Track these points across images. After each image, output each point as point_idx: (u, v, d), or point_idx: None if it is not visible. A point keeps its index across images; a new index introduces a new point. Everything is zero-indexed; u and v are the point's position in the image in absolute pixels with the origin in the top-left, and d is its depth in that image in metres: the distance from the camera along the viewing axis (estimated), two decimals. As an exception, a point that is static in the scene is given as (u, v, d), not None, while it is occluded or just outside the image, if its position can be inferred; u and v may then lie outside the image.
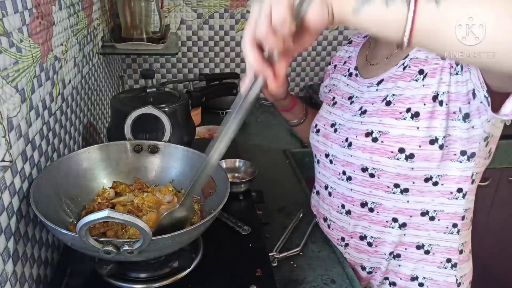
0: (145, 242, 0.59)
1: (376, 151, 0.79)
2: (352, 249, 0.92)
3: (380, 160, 0.79)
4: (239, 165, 1.17)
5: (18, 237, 0.66)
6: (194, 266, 0.78)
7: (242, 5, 1.87)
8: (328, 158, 0.92)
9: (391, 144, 0.77)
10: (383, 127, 0.79)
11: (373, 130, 0.80)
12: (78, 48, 1.07)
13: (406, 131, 0.76)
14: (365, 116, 0.83)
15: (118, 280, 0.73)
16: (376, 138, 0.79)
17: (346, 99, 0.91)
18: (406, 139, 0.76)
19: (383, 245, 0.88)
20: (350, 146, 0.83)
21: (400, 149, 0.77)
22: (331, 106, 0.94)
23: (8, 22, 0.63)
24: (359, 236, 0.90)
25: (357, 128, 0.83)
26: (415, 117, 0.76)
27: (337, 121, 0.90)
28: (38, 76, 0.77)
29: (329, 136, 0.91)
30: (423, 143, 0.75)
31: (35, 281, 0.73)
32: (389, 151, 0.78)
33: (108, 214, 0.55)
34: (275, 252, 0.93)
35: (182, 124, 1.07)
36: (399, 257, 0.88)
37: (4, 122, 0.61)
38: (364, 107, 0.84)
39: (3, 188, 0.61)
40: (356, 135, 0.82)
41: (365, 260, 0.92)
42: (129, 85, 1.94)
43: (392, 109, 0.78)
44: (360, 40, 0.99)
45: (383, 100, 0.80)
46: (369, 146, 0.80)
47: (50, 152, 0.83)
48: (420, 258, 0.86)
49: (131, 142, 0.90)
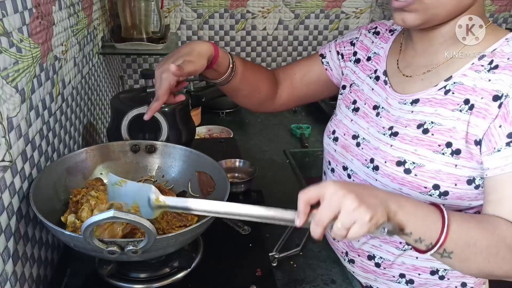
0: (150, 242, 0.59)
1: (408, 184, 0.71)
2: (358, 267, 0.86)
3: (410, 194, 0.71)
4: (239, 165, 1.17)
5: (18, 237, 0.66)
6: (194, 266, 0.78)
7: (242, 5, 1.87)
8: (346, 171, 0.84)
9: (426, 179, 0.70)
10: (418, 159, 0.70)
11: (406, 160, 0.71)
12: (78, 48, 1.07)
13: (443, 167, 0.68)
14: (396, 139, 0.74)
15: (118, 280, 0.73)
16: (410, 170, 0.71)
17: (371, 108, 0.81)
18: (443, 176, 0.69)
19: (392, 268, 0.82)
20: (377, 170, 0.75)
21: (434, 185, 0.69)
22: (352, 112, 0.84)
23: (8, 22, 0.63)
24: (366, 255, 0.84)
25: (385, 151, 0.74)
26: (456, 154, 0.67)
27: (360, 134, 0.81)
28: (38, 76, 0.77)
29: (349, 149, 0.83)
30: (459, 182, 0.69)
31: (35, 281, 0.73)
32: (422, 186, 0.70)
33: (113, 215, 0.55)
34: (275, 252, 0.93)
35: (182, 124, 1.07)
36: (412, 283, 0.82)
37: (4, 122, 0.61)
38: (395, 128, 0.74)
39: (3, 188, 0.61)
40: (386, 160, 0.74)
41: (372, 280, 0.86)
42: (129, 85, 1.94)
43: (430, 139, 0.70)
44: (388, 35, 0.86)
45: (420, 127, 0.71)
46: (400, 177, 0.72)
47: (50, 152, 0.83)
48: (433, 284, 0.81)
49: (128, 142, 0.90)
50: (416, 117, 0.72)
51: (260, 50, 1.98)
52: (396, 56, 0.81)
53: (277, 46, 1.99)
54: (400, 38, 0.83)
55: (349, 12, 1.97)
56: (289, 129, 1.72)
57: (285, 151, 1.51)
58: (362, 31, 0.91)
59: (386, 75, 0.81)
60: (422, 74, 0.75)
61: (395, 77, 0.80)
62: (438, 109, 0.70)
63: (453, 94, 0.69)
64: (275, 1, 1.89)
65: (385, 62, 0.83)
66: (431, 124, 0.70)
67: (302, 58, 1.01)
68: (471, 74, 0.68)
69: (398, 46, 0.82)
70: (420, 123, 0.72)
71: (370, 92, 0.83)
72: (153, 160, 0.91)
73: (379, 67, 0.83)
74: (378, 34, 0.88)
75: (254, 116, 1.86)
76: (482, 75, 0.66)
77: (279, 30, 1.95)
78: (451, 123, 0.68)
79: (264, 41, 1.97)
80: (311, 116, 1.86)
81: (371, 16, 1.99)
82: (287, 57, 2.02)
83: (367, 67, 0.86)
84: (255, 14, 1.90)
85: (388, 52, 0.84)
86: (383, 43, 0.86)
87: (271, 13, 1.91)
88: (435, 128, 0.70)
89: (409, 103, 0.74)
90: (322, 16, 1.96)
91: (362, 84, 0.86)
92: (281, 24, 1.94)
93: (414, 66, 0.77)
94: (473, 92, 0.66)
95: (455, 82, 0.69)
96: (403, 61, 0.80)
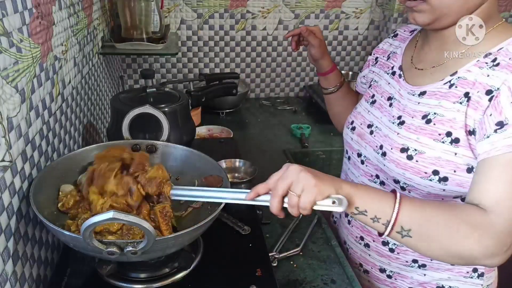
0: (149, 243, 0.59)
1: (410, 169, 0.76)
2: (374, 251, 0.90)
3: (412, 178, 0.76)
4: (239, 165, 1.17)
5: (18, 237, 0.66)
6: (194, 266, 0.78)
7: (242, 5, 1.87)
8: (360, 157, 0.91)
9: (426, 165, 0.74)
10: (420, 146, 0.75)
11: (409, 147, 0.77)
12: (78, 48, 1.07)
13: (443, 154, 0.73)
14: (402, 127, 0.79)
15: (118, 280, 0.73)
16: (411, 156, 0.76)
17: (386, 100, 0.87)
18: (442, 163, 0.73)
19: (406, 254, 0.85)
20: (384, 156, 0.81)
21: (434, 171, 0.74)
22: (370, 105, 0.91)
23: (8, 22, 0.63)
24: (381, 241, 0.88)
25: (393, 139, 0.80)
26: (455, 143, 0.72)
27: (374, 123, 0.88)
28: (38, 76, 0.77)
29: (364, 137, 0.89)
30: (458, 169, 0.72)
31: (35, 281, 0.73)
32: (422, 172, 0.75)
33: (113, 216, 0.55)
34: (275, 252, 0.93)
35: (182, 124, 1.07)
36: (424, 267, 0.85)
37: (4, 122, 0.61)
38: (403, 118, 0.80)
39: (3, 188, 0.61)
40: (392, 147, 0.80)
41: (386, 263, 0.90)
42: (129, 85, 1.94)
43: (432, 129, 0.75)
44: (406, 35, 0.94)
45: (424, 117, 0.76)
46: (403, 163, 0.77)
47: (50, 152, 0.83)
48: (446, 268, 0.84)
49: (129, 141, 0.90)
50: (422, 109, 0.78)
51: (260, 50, 1.98)
52: (412, 52, 0.88)
53: (277, 46, 1.99)
54: (416, 36, 0.90)
55: (349, 12, 1.97)
56: (289, 129, 1.72)
57: (285, 151, 1.51)
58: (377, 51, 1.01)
59: (401, 69, 0.88)
60: (431, 68, 0.80)
61: (408, 70, 0.86)
62: (441, 101, 0.75)
63: (456, 88, 0.73)
64: (275, 1, 1.89)
65: (401, 58, 0.90)
66: (434, 115, 0.75)
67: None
68: (475, 70, 0.72)
69: (414, 44, 0.89)
70: (425, 114, 0.77)
71: (387, 85, 0.90)
72: (153, 160, 0.91)
73: (396, 63, 0.90)
74: (396, 36, 0.97)
75: (254, 116, 1.86)
76: (484, 71, 0.70)
77: (279, 30, 1.95)
78: (452, 114, 0.72)
79: (264, 41, 1.97)
80: (311, 116, 1.86)
81: (371, 16, 1.99)
82: (287, 57, 2.02)
83: (385, 65, 0.94)
84: (255, 14, 1.90)
85: (404, 49, 0.91)
86: (401, 43, 0.94)
87: (271, 13, 1.91)
88: (437, 118, 0.74)
89: (417, 94, 0.80)
90: (322, 16, 1.96)
91: (380, 79, 0.93)
92: (281, 24, 1.94)
93: (426, 61, 0.83)
94: (473, 86, 0.71)
95: (459, 77, 0.74)
96: (417, 57, 0.86)
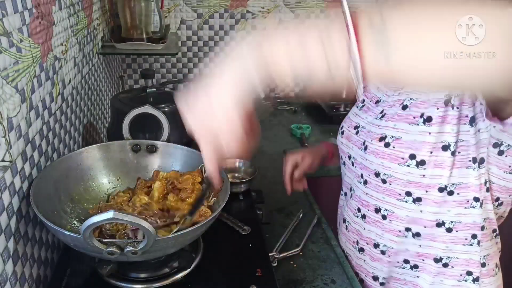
0: (149, 243, 0.59)
1: (387, 157, 0.78)
2: (367, 255, 0.90)
3: (390, 166, 0.78)
4: (239, 165, 1.17)
5: (18, 237, 0.66)
6: (194, 266, 0.78)
7: (242, 5, 1.87)
8: (350, 160, 0.91)
9: (402, 150, 0.76)
10: (396, 132, 0.78)
11: (387, 134, 0.79)
12: (78, 48, 1.07)
13: (417, 136, 0.75)
14: (383, 119, 0.82)
15: (118, 280, 0.73)
16: (389, 143, 0.78)
17: (374, 103, 0.89)
18: (417, 145, 0.74)
19: (397, 255, 0.85)
20: (366, 150, 0.83)
21: (411, 155, 0.75)
22: (359, 109, 0.93)
23: (8, 22, 0.63)
24: (373, 243, 0.88)
25: (374, 131, 0.82)
26: (427, 122, 0.74)
27: (360, 124, 0.89)
28: (38, 76, 0.77)
29: (351, 138, 0.91)
30: (434, 149, 0.73)
31: (35, 281, 0.73)
32: (399, 157, 0.76)
33: (113, 216, 0.55)
34: (275, 252, 0.93)
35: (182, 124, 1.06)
36: (416, 268, 0.84)
37: (4, 122, 0.61)
38: (385, 111, 0.83)
39: (3, 188, 0.61)
40: (372, 139, 0.82)
41: (378, 269, 0.89)
42: (129, 85, 1.94)
43: (407, 113, 0.77)
44: None
45: (401, 104, 0.79)
46: (381, 151, 0.79)
47: (50, 152, 0.83)
48: (438, 272, 0.82)
49: (129, 141, 0.90)
50: (400, 98, 0.80)
51: (260, 50, 1.98)
52: None
53: (277, 46, 1.99)
54: None
55: (349, 12, 1.97)
56: (289, 129, 1.72)
57: (285, 151, 1.50)
58: None
59: None
60: None
61: None
62: None
63: None
64: (275, 1, 1.89)
65: None
66: (410, 100, 0.78)
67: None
68: None
69: None
70: (402, 101, 0.79)
71: (376, 90, 0.91)
72: (154, 160, 0.91)
73: None
74: None
75: (254, 116, 1.86)
76: None
77: (279, 30, 1.95)
78: (425, 96, 0.76)
79: (264, 41, 1.96)
80: (311, 116, 1.86)
81: (371, 16, 1.99)
82: (287, 57, 2.02)
83: None
84: (255, 14, 1.90)
85: None
86: None
87: (271, 13, 1.91)
88: (412, 103, 0.77)
89: (400, 87, 0.82)
90: (322, 16, 1.96)
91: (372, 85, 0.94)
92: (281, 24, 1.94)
93: None
94: None
95: None
96: None
